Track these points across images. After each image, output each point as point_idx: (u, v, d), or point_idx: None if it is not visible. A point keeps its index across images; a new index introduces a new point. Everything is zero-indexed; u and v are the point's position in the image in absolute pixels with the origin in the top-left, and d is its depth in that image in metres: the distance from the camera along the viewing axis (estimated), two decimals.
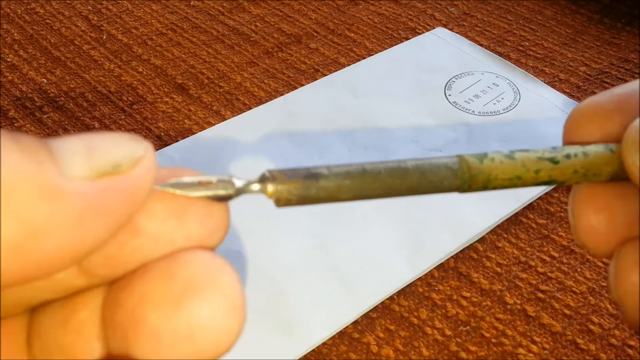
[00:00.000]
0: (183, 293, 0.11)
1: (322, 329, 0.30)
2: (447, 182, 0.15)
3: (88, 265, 0.12)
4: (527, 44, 0.48)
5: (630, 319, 0.16)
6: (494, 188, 0.16)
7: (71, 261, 0.11)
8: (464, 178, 0.15)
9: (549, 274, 0.33)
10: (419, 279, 0.33)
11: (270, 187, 0.14)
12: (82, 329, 0.12)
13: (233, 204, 0.14)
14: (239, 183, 0.13)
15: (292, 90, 0.44)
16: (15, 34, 0.48)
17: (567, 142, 0.17)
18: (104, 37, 0.48)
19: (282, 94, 0.43)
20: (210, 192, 0.13)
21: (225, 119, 0.41)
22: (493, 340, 0.31)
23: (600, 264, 0.34)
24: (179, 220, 0.12)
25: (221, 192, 0.13)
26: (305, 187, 0.14)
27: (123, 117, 0.42)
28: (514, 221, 0.36)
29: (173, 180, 0.13)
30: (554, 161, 0.15)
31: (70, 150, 0.11)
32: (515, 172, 0.15)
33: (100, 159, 0.11)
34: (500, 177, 0.15)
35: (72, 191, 0.10)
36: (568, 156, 0.15)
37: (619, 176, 0.16)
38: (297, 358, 0.29)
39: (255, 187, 0.14)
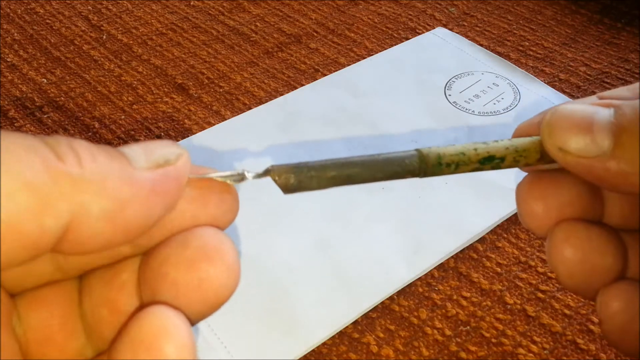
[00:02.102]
0: (195, 256, 0.16)
1: (322, 329, 0.30)
2: (407, 161, 0.19)
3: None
4: (527, 44, 0.48)
5: (564, 284, 0.20)
6: (448, 166, 0.19)
7: (144, 229, 0.15)
8: (420, 158, 0.19)
9: (549, 274, 0.33)
10: (419, 279, 0.33)
11: (274, 176, 0.18)
12: (123, 286, 0.17)
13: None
14: (249, 174, 0.18)
15: (292, 90, 0.44)
16: (15, 34, 0.48)
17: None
18: (104, 37, 0.48)
19: (282, 94, 0.43)
20: (229, 178, 0.17)
21: (225, 119, 0.41)
22: (493, 340, 0.31)
23: None
24: (201, 202, 0.17)
25: (236, 177, 0.17)
26: (300, 172, 0.18)
27: (123, 117, 0.42)
28: (514, 221, 0.36)
29: (202, 173, 0.17)
30: (486, 143, 0.19)
31: (135, 153, 0.15)
32: (458, 150, 0.19)
33: (155, 156, 0.16)
34: (447, 153, 0.19)
35: (140, 178, 0.15)
36: (497, 141, 0.19)
37: (546, 157, 0.19)
38: (297, 358, 0.29)
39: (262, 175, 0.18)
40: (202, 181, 0.17)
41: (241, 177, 0.17)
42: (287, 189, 0.18)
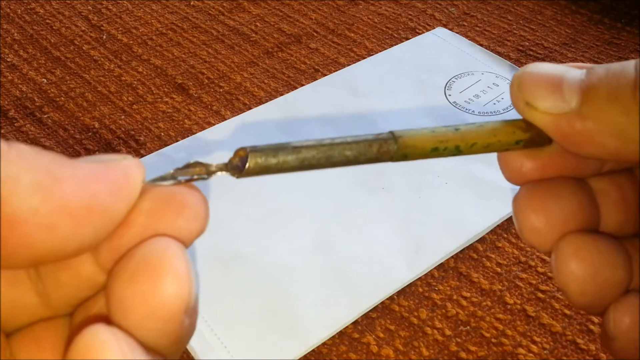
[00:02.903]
0: (137, 268, 0.15)
1: (322, 329, 0.30)
2: (379, 143, 0.18)
3: (98, 254, 0.16)
4: (527, 44, 0.48)
5: (574, 302, 0.19)
6: (422, 147, 0.18)
7: (91, 217, 0.14)
8: (393, 138, 0.18)
9: (549, 274, 0.33)
10: (419, 279, 0.33)
11: (239, 161, 0.17)
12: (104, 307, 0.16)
13: (235, 205, 0.17)
14: (212, 166, 0.17)
15: (292, 90, 0.44)
16: (15, 34, 0.48)
17: None
18: (104, 37, 0.48)
19: (282, 94, 0.43)
20: (187, 177, 0.16)
21: (225, 119, 0.41)
22: (493, 340, 0.31)
23: None
24: (160, 214, 0.16)
25: (196, 175, 0.16)
26: (272, 156, 0.17)
27: (123, 117, 0.42)
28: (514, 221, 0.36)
29: (155, 177, 0.16)
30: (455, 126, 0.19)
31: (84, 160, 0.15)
32: (429, 129, 0.18)
33: (100, 159, 0.15)
34: (418, 133, 0.18)
35: (76, 162, 0.14)
36: (467, 124, 0.19)
37: (532, 140, 0.18)
38: (297, 358, 0.29)
39: (224, 165, 0.17)
40: (162, 192, 0.16)
41: (206, 173, 0.17)
42: (243, 174, 0.17)
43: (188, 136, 0.40)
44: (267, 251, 0.33)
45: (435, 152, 0.18)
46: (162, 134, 0.41)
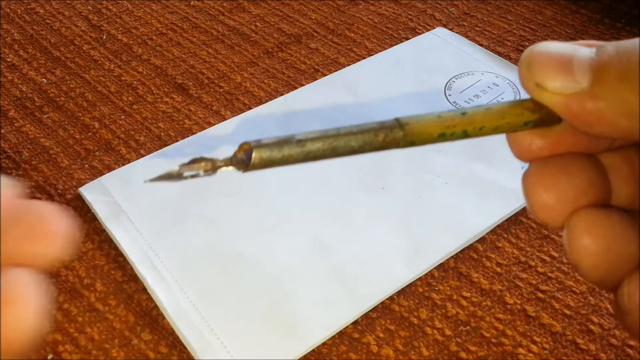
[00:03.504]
0: None
1: (322, 329, 0.30)
2: (384, 132, 0.17)
3: None
4: (527, 44, 0.48)
5: (588, 278, 0.19)
6: (429, 133, 0.18)
7: None
8: (399, 125, 0.18)
9: (549, 274, 0.33)
10: (419, 279, 0.33)
11: (246, 155, 0.17)
12: None
13: (235, 205, 0.16)
14: (218, 161, 0.17)
15: (292, 90, 0.44)
16: (15, 34, 0.48)
17: None
18: (104, 37, 0.48)
19: (282, 94, 0.43)
20: (193, 172, 0.17)
21: (225, 119, 0.41)
22: (493, 340, 0.31)
23: None
24: (15, 241, 0.15)
25: (202, 171, 0.16)
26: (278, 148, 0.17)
27: (123, 117, 0.42)
28: (514, 221, 0.36)
29: (160, 174, 0.16)
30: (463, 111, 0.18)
31: None
32: (435, 114, 0.18)
33: None
34: (424, 119, 0.18)
35: None
36: (474, 107, 0.18)
37: (541, 121, 0.18)
38: (297, 358, 0.29)
39: (229, 159, 0.17)
40: (10, 214, 0.15)
41: (205, 171, 0.17)
42: (249, 168, 0.17)
43: (188, 136, 0.40)
44: (267, 251, 0.33)
45: (443, 137, 0.18)
46: (162, 134, 0.41)
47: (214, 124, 0.41)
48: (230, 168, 0.17)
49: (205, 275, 0.32)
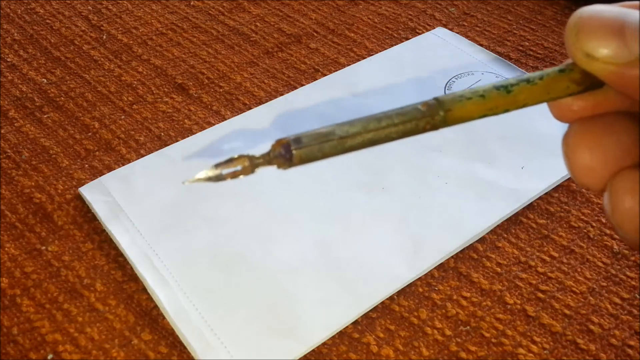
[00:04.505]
0: None
1: (322, 329, 0.30)
2: (426, 120, 0.17)
3: None
4: (527, 44, 0.48)
5: (630, 241, 0.18)
6: (470, 116, 0.17)
7: None
8: (442, 109, 0.17)
9: (549, 274, 0.33)
10: (419, 279, 0.33)
11: (286, 151, 0.16)
12: None
13: (235, 205, 0.16)
14: (257, 158, 0.16)
15: (292, 90, 0.44)
16: (15, 34, 0.48)
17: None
18: (104, 37, 0.48)
19: (282, 94, 0.43)
20: (232, 169, 0.16)
21: (225, 119, 0.41)
22: (493, 340, 0.31)
23: (600, 264, 0.34)
24: None
25: (240, 167, 0.16)
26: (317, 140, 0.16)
27: (123, 117, 0.42)
28: (514, 221, 0.36)
29: (198, 175, 0.15)
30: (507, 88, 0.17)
31: None
32: (479, 93, 0.17)
33: None
34: (468, 103, 0.17)
35: None
36: (517, 80, 0.17)
37: (585, 90, 0.17)
38: (297, 358, 0.29)
39: (267, 155, 0.16)
40: None
41: (244, 163, 0.16)
42: (295, 162, 0.16)
43: (188, 136, 0.40)
44: (267, 251, 0.33)
45: (483, 117, 0.17)
46: (162, 134, 0.41)
47: (214, 124, 0.41)
48: (270, 166, 0.16)
49: (205, 275, 0.32)
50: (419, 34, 0.49)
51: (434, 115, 0.17)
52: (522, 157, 0.38)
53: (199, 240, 0.34)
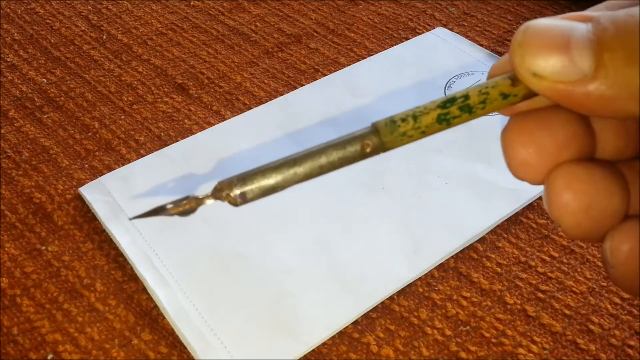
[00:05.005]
0: None
1: (322, 329, 0.30)
2: (367, 141, 0.17)
3: None
4: None
5: (570, 235, 0.18)
6: (404, 120, 0.17)
7: None
8: (373, 127, 0.17)
9: (549, 274, 0.33)
10: (419, 279, 0.33)
11: (220, 197, 0.17)
12: None
13: (235, 207, 0.18)
14: (198, 198, 0.17)
15: (292, 90, 0.44)
16: (15, 34, 0.48)
17: None
18: (104, 37, 0.48)
19: (282, 94, 0.43)
20: (179, 209, 0.17)
21: (225, 119, 0.41)
22: (493, 340, 0.31)
23: (600, 264, 0.34)
24: None
25: (187, 207, 0.17)
26: (246, 184, 0.17)
27: (123, 117, 0.42)
28: (514, 221, 0.36)
29: (146, 210, 0.17)
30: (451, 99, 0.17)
31: None
32: (417, 109, 0.17)
33: None
34: (400, 112, 0.17)
35: None
36: (459, 93, 0.17)
37: (527, 96, 0.17)
38: (297, 358, 0.29)
39: (210, 200, 0.18)
40: None
41: (190, 208, 0.17)
42: (237, 204, 0.17)
43: (188, 136, 0.40)
44: (267, 251, 0.33)
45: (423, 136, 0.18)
46: (162, 134, 0.41)
47: (214, 124, 0.41)
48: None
49: (205, 275, 0.32)
50: (419, 34, 0.49)
51: (364, 129, 0.17)
52: None
53: (199, 240, 0.34)
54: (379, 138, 0.17)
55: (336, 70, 0.45)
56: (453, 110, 0.17)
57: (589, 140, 0.18)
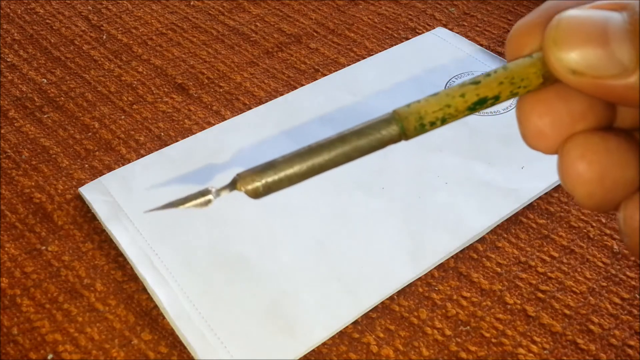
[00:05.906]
0: None
1: (322, 329, 0.30)
2: (385, 131, 0.17)
3: None
4: None
5: (583, 205, 0.17)
6: (433, 124, 0.17)
7: None
8: (398, 123, 0.17)
9: (549, 274, 0.33)
10: (419, 279, 0.33)
11: (240, 187, 0.17)
12: None
13: (236, 207, 0.17)
14: (213, 193, 0.17)
15: (292, 90, 0.44)
16: (15, 34, 0.48)
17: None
18: (104, 37, 0.48)
19: (282, 94, 0.43)
20: (196, 202, 0.17)
21: (225, 119, 0.41)
22: (493, 340, 0.31)
23: (600, 264, 0.34)
24: None
25: (201, 200, 0.17)
26: (267, 176, 0.17)
27: (123, 117, 0.42)
28: (514, 221, 0.36)
29: (163, 203, 0.16)
30: (475, 82, 0.16)
31: None
32: (442, 102, 0.17)
33: None
34: (430, 110, 0.17)
35: None
36: (488, 74, 0.16)
37: (550, 78, 0.16)
38: (297, 358, 0.29)
39: (225, 192, 0.18)
40: None
41: (206, 200, 0.17)
42: (257, 195, 0.17)
43: (188, 136, 0.40)
44: (267, 251, 0.33)
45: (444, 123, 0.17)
46: (162, 134, 0.41)
47: (214, 124, 0.41)
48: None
49: (205, 275, 0.32)
50: (419, 34, 0.49)
51: (387, 119, 0.17)
52: (522, 157, 0.38)
53: (199, 240, 0.34)
54: (405, 135, 0.17)
55: (336, 70, 0.45)
56: (480, 109, 0.17)
57: (607, 110, 0.17)
